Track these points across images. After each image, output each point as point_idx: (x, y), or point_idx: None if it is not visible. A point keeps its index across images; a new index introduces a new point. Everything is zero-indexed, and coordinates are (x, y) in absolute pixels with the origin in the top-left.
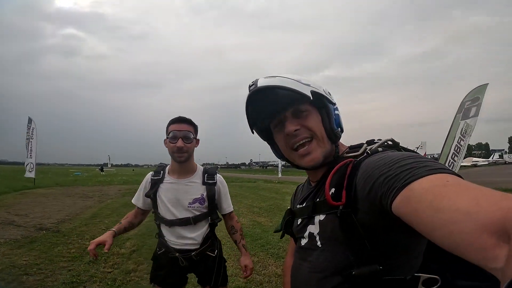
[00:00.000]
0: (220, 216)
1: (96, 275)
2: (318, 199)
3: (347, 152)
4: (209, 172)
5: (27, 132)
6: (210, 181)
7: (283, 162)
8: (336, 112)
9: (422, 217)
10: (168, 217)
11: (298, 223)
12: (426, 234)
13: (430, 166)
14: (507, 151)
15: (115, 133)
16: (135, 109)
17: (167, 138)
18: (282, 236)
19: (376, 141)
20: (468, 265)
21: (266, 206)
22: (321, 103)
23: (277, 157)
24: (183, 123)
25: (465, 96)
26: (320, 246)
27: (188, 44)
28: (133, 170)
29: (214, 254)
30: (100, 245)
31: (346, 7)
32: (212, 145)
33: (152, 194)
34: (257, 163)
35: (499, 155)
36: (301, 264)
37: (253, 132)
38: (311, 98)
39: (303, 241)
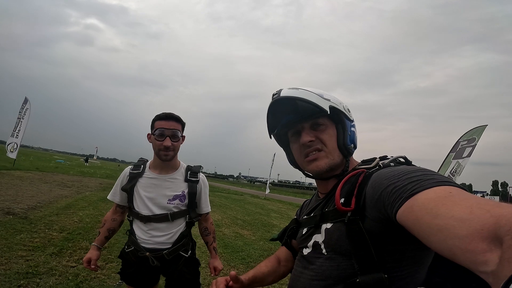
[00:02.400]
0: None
1: (57, 268)
2: (326, 209)
3: (359, 165)
4: (193, 170)
5: (19, 112)
6: (193, 179)
7: (271, 180)
8: (352, 129)
9: (421, 223)
10: (145, 212)
11: (304, 232)
12: (424, 240)
13: (436, 179)
14: (489, 193)
15: (107, 126)
16: (134, 106)
17: (152, 134)
18: (280, 241)
19: (388, 157)
20: (471, 280)
21: (251, 219)
22: (339, 119)
23: (290, 163)
24: (172, 120)
25: (462, 136)
26: (325, 254)
27: (200, 50)
28: (118, 165)
29: (187, 254)
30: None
31: (361, 34)
32: (203, 152)
33: (129, 187)
34: (245, 177)
35: (480, 196)
36: (302, 272)
37: (270, 137)
38: (329, 112)
39: (306, 251)
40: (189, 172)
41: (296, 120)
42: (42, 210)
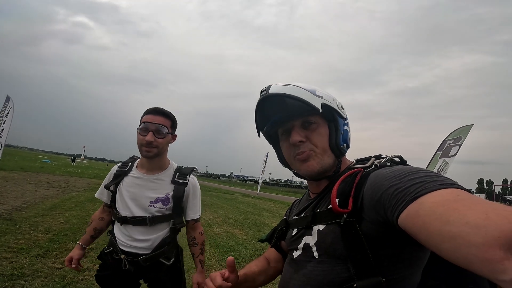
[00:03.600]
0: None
1: (43, 270)
2: (318, 210)
3: (354, 164)
4: (182, 171)
5: (1, 110)
6: (181, 181)
7: (263, 179)
8: (346, 127)
9: (430, 230)
10: (123, 213)
11: (293, 234)
12: (433, 247)
13: (441, 180)
14: (475, 191)
15: (96, 125)
16: (123, 105)
17: (138, 128)
18: (269, 242)
19: (383, 156)
20: (467, 281)
21: (242, 219)
22: (331, 117)
23: (280, 162)
24: (159, 115)
25: (449, 135)
26: (317, 257)
27: (191, 48)
28: (107, 165)
29: (168, 262)
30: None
31: (351, 34)
32: (194, 151)
33: (112, 186)
34: (237, 176)
35: None
36: (292, 277)
37: (259, 136)
38: (321, 111)
39: (296, 253)
40: (178, 173)
41: (286, 118)
42: (27, 211)
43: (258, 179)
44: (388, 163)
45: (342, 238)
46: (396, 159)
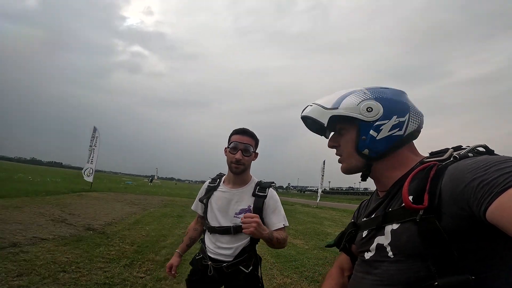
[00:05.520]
0: None
1: (129, 279)
2: (390, 209)
3: (427, 158)
4: (262, 185)
5: (91, 140)
6: (260, 194)
7: (323, 188)
8: (372, 132)
9: None
10: (212, 223)
11: (364, 235)
12: None
13: None
14: None
15: (163, 147)
16: (183, 127)
17: (227, 147)
18: (337, 246)
19: (464, 147)
20: None
21: (303, 229)
22: (350, 124)
23: None
24: (246, 136)
25: None
26: (392, 257)
27: (233, 65)
28: (175, 183)
29: (247, 270)
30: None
31: (397, 27)
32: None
33: (205, 199)
34: (295, 187)
35: None
36: (364, 277)
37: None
38: (325, 125)
39: (368, 255)
40: (258, 187)
41: (319, 132)
42: (116, 225)
43: (317, 188)
44: (470, 154)
45: (420, 236)
46: (481, 149)
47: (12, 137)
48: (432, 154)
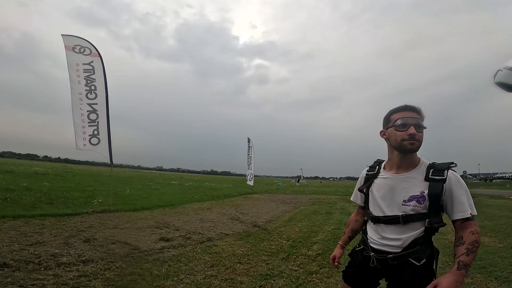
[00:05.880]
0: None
1: (285, 271)
2: None
3: None
4: (437, 167)
5: (248, 149)
6: (437, 177)
7: None
8: None
9: None
10: (375, 213)
11: None
12: None
13: None
14: None
15: (304, 148)
16: (320, 125)
17: (387, 128)
18: None
19: None
20: None
21: (493, 225)
22: None
23: None
24: (413, 111)
25: None
26: None
27: (354, 52)
28: (320, 182)
29: (419, 263)
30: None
31: (471, 24)
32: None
33: (365, 188)
34: (475, 175)
35: None
36: None
37: None
38: None
39: None
40: (431, 170)
41: None
42: (274, 222)
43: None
44: None
45: None
46: None
47: (194, 155)
48: None
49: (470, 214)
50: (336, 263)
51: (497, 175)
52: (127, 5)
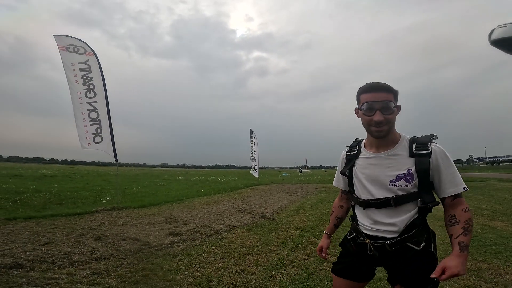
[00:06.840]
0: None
1: (295, 261)
2: None
3: None
4: (419, 141)
5: (250, 141)
6: (421, 151)
7: None
8: None
9: None
10: (364, 197)
11: None
12: None
13: None
14: None
15: (308, 137)
16: (322, 114)
17: (359, 108)
18: None
19: None
20: None
21: (504, 208)
22: None
23: None
24: (380, 92)
25: None
26: None
27: (352, 41)
28: (325, 171)
29: (418, 247)
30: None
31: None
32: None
33: (347, 171)
34: (481, 159)
35: None
36: None
37: None
38: None
39: None
40: (414, 144)
41: None
42: (281, 213)
43: None
44: None
45: None
46: None
47: (198, 150)
48: None
49: (464, 188)
50: (324, 254)
51: (504, 158)
52: (119, 4)
